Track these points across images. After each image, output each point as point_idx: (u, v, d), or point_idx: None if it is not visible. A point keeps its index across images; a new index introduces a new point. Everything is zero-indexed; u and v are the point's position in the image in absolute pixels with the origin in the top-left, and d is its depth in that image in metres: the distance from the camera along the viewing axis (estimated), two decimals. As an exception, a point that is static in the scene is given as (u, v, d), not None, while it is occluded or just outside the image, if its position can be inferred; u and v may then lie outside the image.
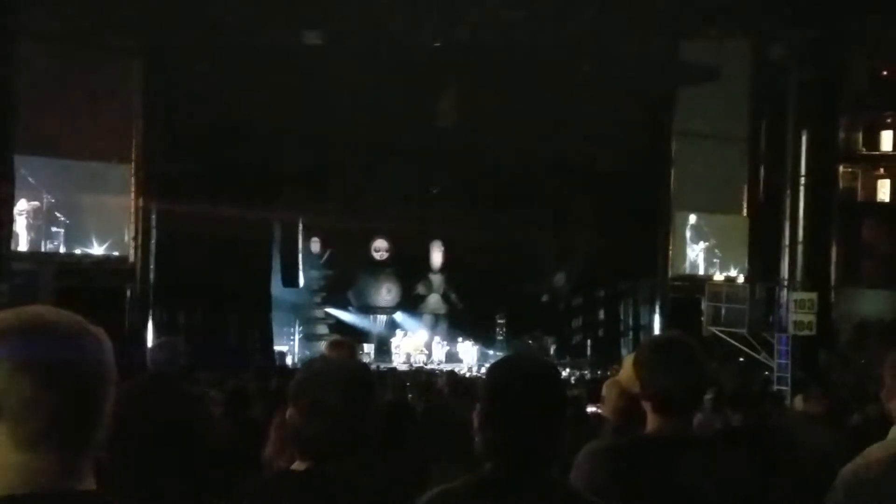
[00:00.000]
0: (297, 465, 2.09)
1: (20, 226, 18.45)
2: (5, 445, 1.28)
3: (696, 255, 22.52)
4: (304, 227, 25.91)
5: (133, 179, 19.65)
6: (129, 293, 19.57)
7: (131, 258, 19.71)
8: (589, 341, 27.17)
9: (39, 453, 1.27)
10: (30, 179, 18.45)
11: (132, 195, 19.62)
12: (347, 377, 2.12)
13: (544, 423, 1.96)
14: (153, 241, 20.10)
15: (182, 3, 18.14)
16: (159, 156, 19.95)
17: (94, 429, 1.31)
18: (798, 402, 7.46)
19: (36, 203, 18.67)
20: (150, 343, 18.75)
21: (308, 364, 2.70)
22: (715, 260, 22.40)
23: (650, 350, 2.61)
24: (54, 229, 18.82)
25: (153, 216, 20.03)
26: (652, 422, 2.50)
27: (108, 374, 1.34)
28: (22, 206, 18.42)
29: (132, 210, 19.67)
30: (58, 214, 18.83)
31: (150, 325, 19.76)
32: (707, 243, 22.48)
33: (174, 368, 4.91)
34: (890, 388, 2.47)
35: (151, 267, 20.13)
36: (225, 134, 20.12)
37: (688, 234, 22.47)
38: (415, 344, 27.00)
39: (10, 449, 1.28)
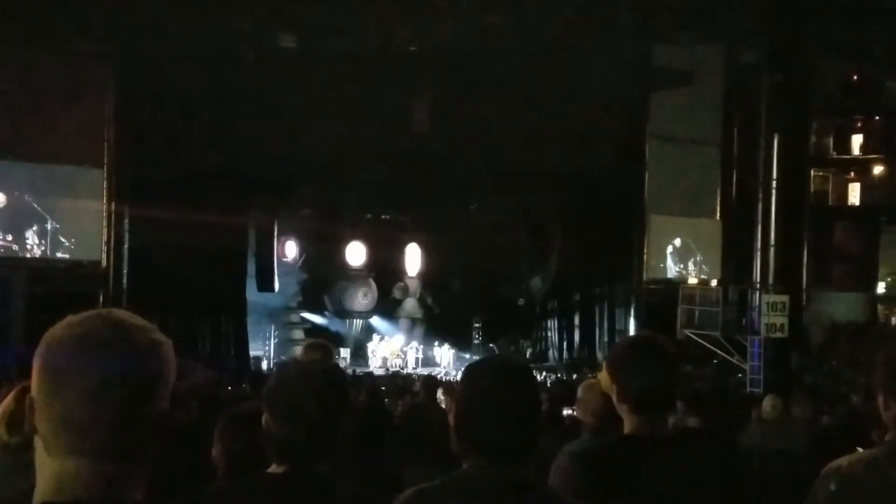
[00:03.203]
0: (274, 469, 2.09)
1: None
2: (44, 452, 1.28)
3: (678, 269, 22.68)
4: (279, 231, 25.83)
5: (106, 184, 19.49)
6: (101, 298, 19.37)
7: (104, 263, 19.54)
8: (564, 345, 27.29)
9: (74, 463, 1.27)
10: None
11: (104, 200, 19.45)
12: (320, 380, 2.12)
13: (520, 422, 1.97)
14: (126, 246, 19.94)
15: (154, 7, 18.02)
16: (132, 160, 19.81)
17: (131, 442, 1.30)
18: (767, 404, 7.51)
19: (6, 206, 18.52)
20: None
21: (280, 368, 2.69)
22: (703, 276, 22.54)
23: (625, 351, 2.63)
24: (26, 233, 18.63)
25: (126, 221, 19.87)
26: (630, 422, 2.51)
27: (149, 389, 1.32)
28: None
29: (105, 214, 19.49)
30: (30, 218, 18.64)
31: (123, 330, 19.57)
32: (691, 260, 22.66)
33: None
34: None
35: (124, 272, 19.97)
36: (199, 138, 20.02)
37: (669, 252, 22.62)
38: (391, 348, 26.99)
39: (48, 456, 1.28)
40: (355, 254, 28.23)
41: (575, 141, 21.28)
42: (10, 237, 18.58)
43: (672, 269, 22.62)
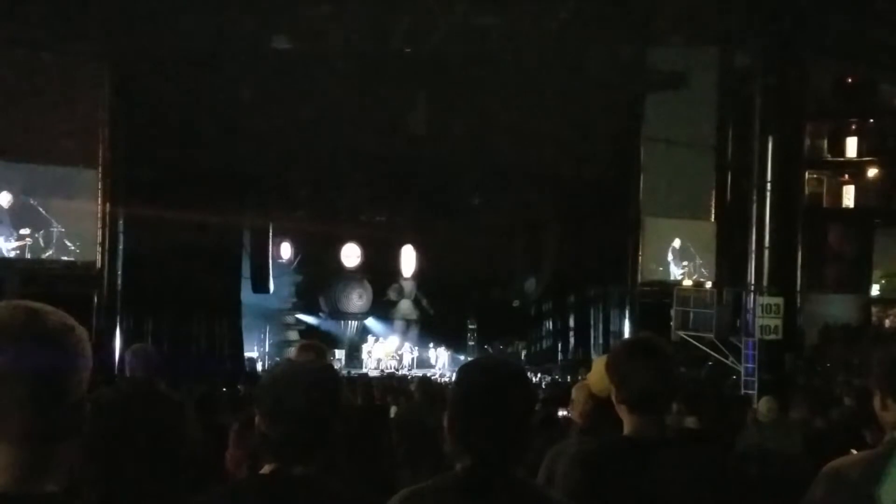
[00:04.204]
0: (265, 469, 2.08)
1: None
2: None
3: (680, 272, 22.73)
4: (274, 232, 25.78)
5: (100, 185, 19.45)
6: (96, 299, 19.34)
7: (98, 264, 19.50)
8: (559, 346, 27.28)
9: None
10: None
11: (99, 200, 19.41)
12: (309, 378, 2.12)
13: (512, 424, 1.97)
14: (120, 247, 19.89)
15: (149, 8, 18.01)
16: (127, 161, 19.77)
17: (47, 428, 1.30)
18: (763, 406, 7.53)
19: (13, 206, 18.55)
20: (118, 349, 18.56)
21: (271, 368, 2.69)
22: (702, 278, 22.58)
23: (624, 352, 2.64)
24: (21, 233, 18.60)
25: (120, 221, 19.83)
26: (628, 423, 2.52)
27: (63, 374, 1.33)
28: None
29: (99, 215, 19.45)
30: (24, 219, 18.62)
31: (117, 331, 19.55)
32: (692, 262, 22.73)
33: (150, 373, 4.90)
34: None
35: (119, 272, 19.91)
36: (193, 139, 19.97)
37: (671, 257, 22.68)
38: (386, 349, 27.00)
39: None
40: (350, 255, 28.20)
41: (569, 143, 21.30)
42: (26, 230, 18.57)
43: (675, 273, 22.67)
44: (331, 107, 20.43)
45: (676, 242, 22.69)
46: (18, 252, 18.54)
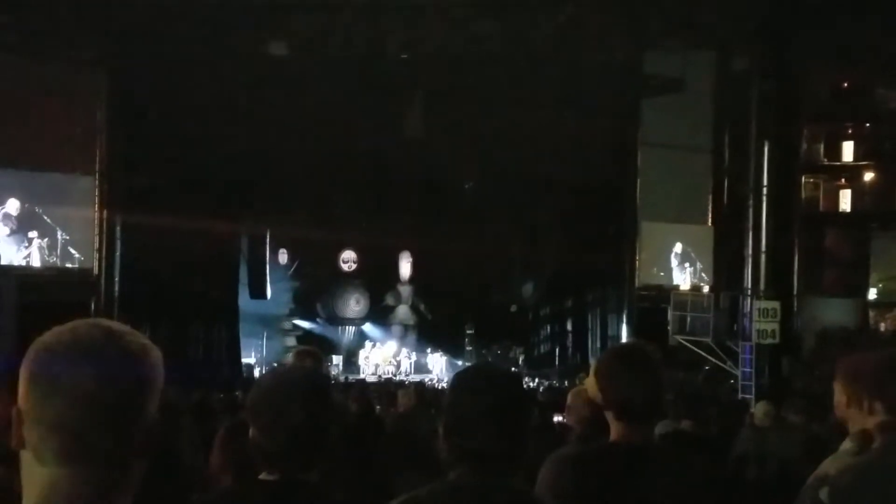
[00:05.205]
0: (265, 476, 2.08)
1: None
2: (35, 462, 1.27)
3: (683, 276, 22.74)
4: (271, 238, 25.77)
5: (97, 191, 19.45)
6: (93, 306, 19.31)
7: (95, 270, 19.49)
8: (557, 351, 27.25)
9: (67, 470, 1.26)
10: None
11: (96, 207, 19.41)
12: (300, 387, 2.11)
13: (508, 430, 1.97)
14: (118, 254, 19.88)
15: (146, 15, 18.02)
16: (124, 167, 19.78)
17: (125, 447, 1.29)
18: (759, 410, 7.53)
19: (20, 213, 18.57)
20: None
21: (260, 379, 2.66)
22: (703, 283, 22.58)
23: (611, 359, 2.63)
24: (30, 236, 18.62)
25: (117, 228, 19.82)
26: (615, 430, 2.51)
27: (142, 393, 1.32)
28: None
29: (96, 222, 19.45)
30: (31, 226, 18.63)
31: (114, 338, 19.49)
32: (693, 267, 22.75)
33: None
34: (839, 401, 2.50)
35: (116, 279, 19.90)
36: (191, 145, 19.97)
37: (674, 265, 22.69)
38: (383, 355, 26.94)
39: (39, 466, 1.26)
40: (348, 260, 28.18)
41: (566, 147, 21.31)
42: (34, 236, 18.56)
43: (679, 278, 22.66)
44: (328, 112, 20.44)
45: (678, 247, 22.68)
46: (28, 260, 18.54)
